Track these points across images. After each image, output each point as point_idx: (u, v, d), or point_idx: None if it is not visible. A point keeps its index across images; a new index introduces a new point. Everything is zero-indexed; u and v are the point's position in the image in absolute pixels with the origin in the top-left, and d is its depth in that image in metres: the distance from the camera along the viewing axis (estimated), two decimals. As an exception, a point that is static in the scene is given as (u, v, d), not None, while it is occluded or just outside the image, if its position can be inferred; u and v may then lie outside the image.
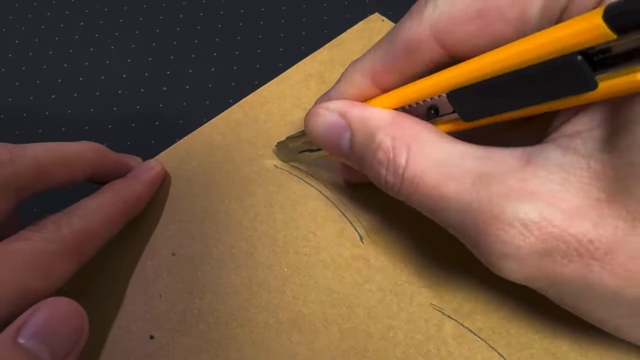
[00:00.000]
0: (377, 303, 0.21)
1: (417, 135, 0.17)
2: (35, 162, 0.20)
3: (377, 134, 0.18)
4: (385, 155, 0.17)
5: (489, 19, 0.16)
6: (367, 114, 0.18)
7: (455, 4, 0.16)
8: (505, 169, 0.15)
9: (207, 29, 0.33)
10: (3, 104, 0.31)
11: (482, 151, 0.16)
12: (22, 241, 0.18)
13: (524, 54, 0.14)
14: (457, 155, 0.16)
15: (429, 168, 0.16)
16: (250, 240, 0.23)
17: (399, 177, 0.17)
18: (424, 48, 0.17)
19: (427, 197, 0.16)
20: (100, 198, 0.22)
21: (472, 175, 0.15)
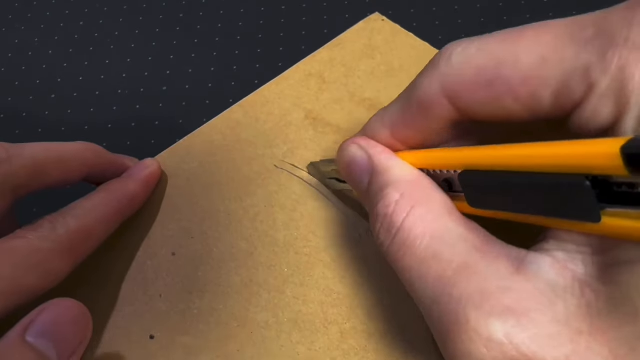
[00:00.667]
0: (378, 303, 0.21)
1: (426, 200, 0.16)
2: (32, 161, 0.20)
3: (389, 185, 0.17)
4: (384, 209, 0.16)
5: (498, 91, 0.15)
6: (391, 163, 0.18)
7: (467, 66, 0.15)
8: (492, 269, 0.14)
9: (207, 29, 0.33)
10: (3, 104, 0.31)
11: (480, 241, 0.15)
12: (18, 239, 0.18)
13: (534, 158, 0.13)
14: (453, 236, 0.15)
15: (421, 238, 0.15)
16: (251, 240, 0.23)
17: (390, 237, 0.16)
18: (436, 107, 0.16)
19: (408, 271, 0.15)
20: (95, 198, 0.22)
21: (457, 263, 0.14)
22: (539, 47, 0.14)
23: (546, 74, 0.13)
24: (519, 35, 0.14)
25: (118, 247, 0.23)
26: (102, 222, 0.21)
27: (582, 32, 0.13)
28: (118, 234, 0.23)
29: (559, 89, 0.13)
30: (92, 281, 0.23)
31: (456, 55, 0.15)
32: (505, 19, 0.31)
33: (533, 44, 0.14)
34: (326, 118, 0.26)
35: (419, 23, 0.31)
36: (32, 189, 0.20)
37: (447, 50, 0.16)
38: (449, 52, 0.16)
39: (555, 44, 0.13)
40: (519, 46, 0.14)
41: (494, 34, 0.15)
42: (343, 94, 0.27)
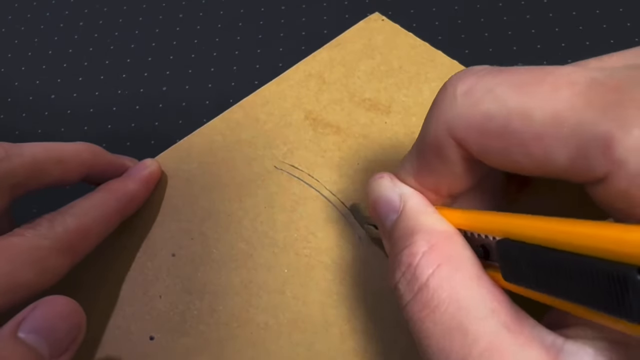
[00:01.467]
0: (378, 304, 0.21)
1: (457, 260, 0.14)
2: (31, 161, 0.20)
3: (418, 233, 0.15)
4: (408, 259, 0.15)
5: (508, 143, 0.13)
6: (423, 209, 0.16)
7: (473, 110, 0.13)
8: (524, 357, 0.12)
9: (207, 29, 0.33)
10: (3, 104, 0.31)
11: (511, 319, 0.13)
12: (16, 237, 0.18)
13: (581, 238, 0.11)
14: (483, 309, 0.13)
15: (447, 304, 0.14)
16: (250, 241, 0.23)
17: (412, 292, 0.14)
18: (447, 150, 0.15)
19: (427, 337, 0.14)
20: (94, 197, 0.22)
21: (484, 343, 0.13)
22: (554, 102, 0.12)
23: (561, 135, 0.12)
24: (535, 83, 0.12)
25: (118, 247, 0.23)
26: (101, 221, 0.21)
27: (605, 95, 0.11)
28: (118, 234, 0.23)
29: (574, 154, 0.12)
30: (92, 282, 0.23)
31: (462, 97, 0.14)
32: (505, 19, 0.31)
33: (548, 98, 0.12)
34: (326, 118, 0.26)
35: (419, 23, 0.31)
36: (31, 188, 0.21)
37: (451, 87, 0.14)
38: (453, 91, 0.14)
39: (572, 102, 0.12)
40: (533, 97, 0.12)
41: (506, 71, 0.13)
42: (343, 94, 0.27)
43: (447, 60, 0.28)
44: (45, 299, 0.17)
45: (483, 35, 0.31)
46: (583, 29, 0.30)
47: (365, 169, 0.25)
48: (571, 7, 0.31)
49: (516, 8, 0.32)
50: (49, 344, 0.17)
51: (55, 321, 0.17)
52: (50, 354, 0.17)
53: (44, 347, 0.16)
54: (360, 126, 0.26)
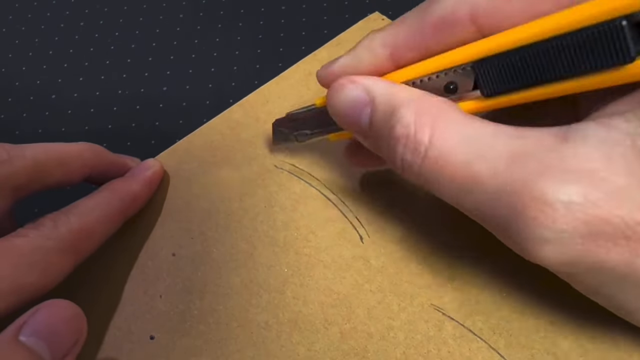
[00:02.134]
0: (378, 303, 0.21)
1: (444, 113, 0.16)
2: (33, 162, 0.20)
3: (399, 108, 0.16)
4: (404, 131, 0.16)
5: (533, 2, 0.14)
6: (393, 89, 0.17)
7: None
8: (542, 147, 0.14)
9: (207, 29, 0.33)
10: (3, 104, 0.31)
11: (514, 130, 0.15)
12: (19, 238, 0.18)
13: (562, 19, 0.13)
14: (488, 134, 0.15)
15: (457, 146, 0.15)
16: (251, 241, 0.23)
17: (420, 156, 0.15)
18: (458, 28, 0.16)
19: (453, 179, 0.15)
20: (97, 197, 0.22)
21: (506, 155, 0.14)
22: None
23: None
24: None
25: (118, 247, 0.23)
26: (104, 221, 0.21)
27: None
28: (118, 234, 0.23)
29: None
30: (93, 282, 0.23)
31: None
32: (506, 19, 0.31)
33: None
34: (326, 118, 0.26)
35: (419, 23, 0.31)
36: (33, 190, 0.20)
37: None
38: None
39: None
40: None
41: None
42: (343, 94, 0.27)
43: (447, 59, 0.28)
44: (47, 302, 0.17)
45: (483, 34, 0.31)
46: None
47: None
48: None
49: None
50: (50, 347, 0.16)
51: (56, 325, 0.17)
52: (52, 358, 0.16)
53: (45, 351, 0.16)
54: (361, 126, 0.26)
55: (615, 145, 0.13)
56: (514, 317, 0.20)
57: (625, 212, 0.13)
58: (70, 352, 0.17)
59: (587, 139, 0.13)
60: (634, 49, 0.12)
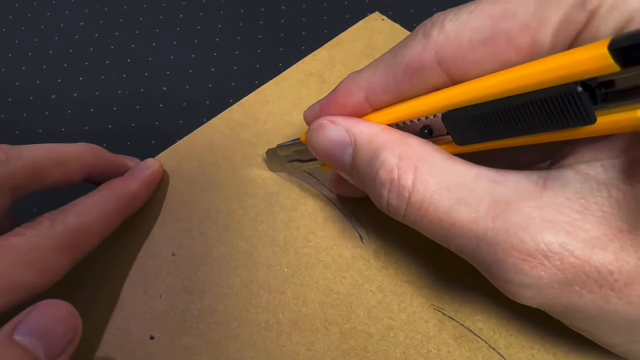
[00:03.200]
0: (378, 303, 0.21)
1: (426, 156, 0.16)
2: (31, 162, 0.20)
3: (381, 151, 0.17)
4: (388, 176, 0.16)
5: (497, 46, 0.15)
6: (373, 130, 0.17)
7: (462, 30, 0.15)
8: (522, 195, 0.14)
9: (207, 29, 0.33)
10: (3, 104, 0.31)
11: (495, 174, 0.15)
12: (17, 237, 0.18)
13: (523, 79, 0.13)
14: (470, 178, 0.15)
15: (440, 191, 0.15)
16: (251, 241, 0.23)
17: (404, 200, 0.16)
18: (427, 73, 0.16)
19: (437, 224, 0.16)
20: (95, 196, 0.22)
21: (487, 200, 0.15)
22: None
23: (545, 15, 0.14)
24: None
25: (118, 247, 0.23)
26: (102, 220, 0.21)
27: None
28: (118, 234, 0.23)
29: (559, 26, 0.14)
30: (93, 282, 0.23)
31: (449, 22, 0.15)
32: (506, 19, 0.31)
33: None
34: (326, 118, 0.26)
35: (419, 23, 0.31)
36: (32, 190, 0.20)
37: (437, 19, 0.16)
38: (441, 20, 0.16)
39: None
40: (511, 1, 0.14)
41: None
42: (343, 93, 0.27)
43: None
44: (42, 302, 0.18)
45: (483, 35, 0.31)
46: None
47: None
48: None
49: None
50: (45, 346, 0.17)
51: (51, 324, 0.17)
52: (46, 356, 0.17)
53: (39, 350, 0.16)
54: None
55: (592, 196, 0.14)
56: (515, 318, 0.20)
57: (600, 262, 0.13)
58: (65, 351, 0.17)
59: (565, 188, 0.14)
60: (593, 113, 0.13)
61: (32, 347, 0.16)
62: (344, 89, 0.19)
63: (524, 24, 0.14)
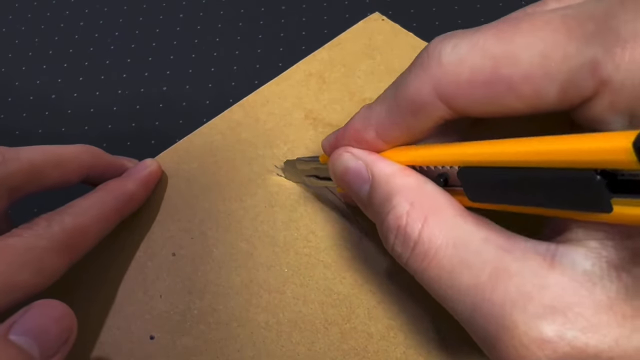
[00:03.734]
0: (378, 303, 0.21)
1: (438, 207, 0.15)
2: (28, 164, 0.20)
3: (395, 195, 0.16)
4: (396, 222, 0.16)
5: (498, 91, 0.14)
6: (390, 170, 0.17)
7: (460, 67, 0.14)
8: (527, 269, 0.14)
9: (207, 29, 0.33)
10: (3, 104, 0.31)
11: (504, 240, 0.14)
12: (13, 237, 0.19)
13: (539, 154, 0.13)
14: (477, 240, 0.14)
15: (444, 247, 0.15)
16: (251, 241, 0.23)
17: (408, 249, 0.16)
18: (429, 108, 0.15)
19: (436, 281, 0.15)
20: (92, 196, 0.22)
21: (490, 268, 0.14)
22: (537, 42, 0.13)
23: (550, 70, 0.13)
24: (513, 29, 0.14)
25: (118, 247, 0.23)
26: (99, 221, 0.21)
27: (582, 27, 0.13)
28: (118, 234, 0.23)
29: (565, 85, 0.13)
30: (93, 282, 0.23)
31: (447, 55, 0.15)
32: (506, 19, 0.31)
33: (531, 39, 0.13)
34: (326, 118, 0.26)
35: (419, 23, 0.31)
36: (29, 192, 0.21)
37: (435, 48, 0.15)
38: (438, 52, 0.15)
39: (554, 39, 0.13)
40: (515, 43, 0.13)
41: (484, 27, 0.14)
42: (343, 94, 0.27)
43: (447, 60, 0.28)
44: (37, 302, 0.18)
45: (483, 35, 0.31)
46: (583, 28, 0.30)
47: (365, 168, 0.25)
48: (571, 7, 0.31)
49: (516, 8, 0.32)
50: (39, 345, 0.17)
51: (46, 324, 0.17)
52: (41, 356, 0.17)
53: (34, 349, 0.16)
54: (361, 126, 0.26)
55: (600, 279, 0.13)
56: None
57: (599, 349, 0.13)
58: (59, 351, 0.17)
59: (573, 268, 0.13)
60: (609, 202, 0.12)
61: (27, 346, 0.16)
62: (355, 126, 0.18)
63: (527, 75, 0.13)
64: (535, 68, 0.13)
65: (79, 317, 0.18)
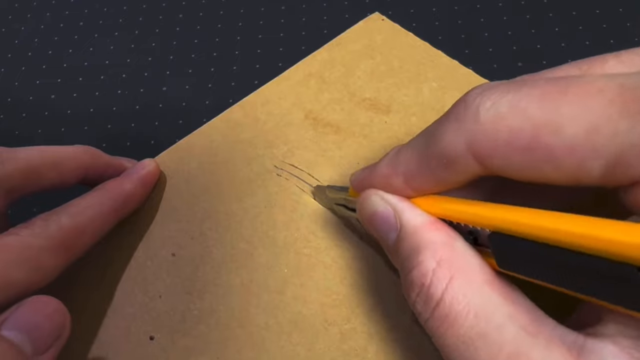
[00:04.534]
0: (378, 304, 0.21)
1: (467, 269, 0.15)
2: (26, 164, 0.20)
3: (422, 251, 0.15)
4: (420, 279, 0.15)
5: (536, 157, 0.13)
6: (420, 221, 0.16)
7: (499, 126, 0.13)
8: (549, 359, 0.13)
9: (207, 29, 0.33)
10: (3, 104, 0.31)
11: (530, 322, 0.13)
12: (10, 236, 0.19)
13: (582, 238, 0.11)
14: (502, 315, 0.14)
15: (465, 314, 0.14)
16: (251, 241, 0.23)
17: (429, 310, 0.15)
18: (461, 163, 0.14)
19: (453, 350, 0.14)
20: (90, 196, 0.22)
21: (508, 350, 0.13)
22: (586, 113, 0.12)
23: (597, 146, 0.12)
24: (561, 94, 0.12)
25: (117, 247, 0.23)
26: (96, 220, 0.21)
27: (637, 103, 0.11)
28: (118, 234, 0.23)
29: (612, 163, 0.12)
30: (93, 282, 0.23)
31: (485, 112, 0.13)
32: (505, 19, 0.31)
33: (578, 109, 0.12)
34: (326, 118, 0.26)
35: (419, 23, 0.31)
36: (27, 192, 0.21)
37: (472, 102, 0.14)
38: (476, 106, 0.14)
39: (606, 112, 0.11)
40: (561, 109, 0.12)
41: (529, 84, 0.13)
42: (343, 94, 0.27)
43: (447, 60, 0.28)
44: (29, 298, 0.18)
45: (483, 35, 0.31)
46: (583, 29, 0.30)
47: (365, 168, 0.25)
48: (571, 7, 0.31)
49: (516, 8, 0.32)
50: (31, 341, 0.17)
51: (38, 319, 0.17)
52: (33, 351, 0.17)
53: (26, 344, 0.17)
54: (360, 126, 0.26)
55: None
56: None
57: None
58: (52, 346, 0.17)
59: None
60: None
61: (19, 341, 0.16)
62: (383, 171, 0.17)
63: (570, 147, 0.12)
64: (580, 141, 0.12)
65: (78, 317, 0.18)
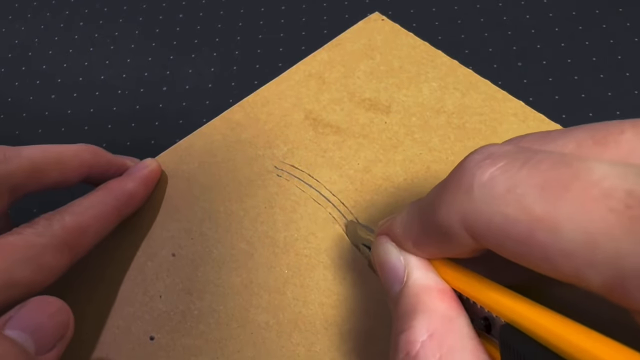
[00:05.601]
0: (378, 304, 0.21)
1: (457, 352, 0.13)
2: (29, 162, 0.20)
3: (418, 316, 0.14)
4: (406, 346, 0.14)
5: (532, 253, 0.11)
6: (426, 284, 0.15)
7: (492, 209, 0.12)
8: None
9: (207, 28, 0.33)
10: (3, 104, 0.31)
11: None
12: (14, 235, 0.19)
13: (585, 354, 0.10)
14: None
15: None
16: (251, 241, 0.23)
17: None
18: (458, 238, 0.13)
19: None
20: (92, 196, 0.22)
21: None
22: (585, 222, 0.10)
23: (595, 261, 0.10)
24: (562, 188, 0.11)
25: (118, 247, 0.23)
26: (99, 219, 0.21)
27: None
28: (118, 234, 0.23)
29: (610, 284, 0.10)
30: (93, 282, 0.23)
31: (479, 189, 0.12)
32: (505, 19, 0.31)
33: (578, 213, 0.10)
34: (326, 118, 0.26)
35: (419, 23, 0.31)
36: (30, 190, 0.21)
37: (469, 171, 0.12)
38: (471, 176, 0.12)
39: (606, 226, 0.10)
40: (560, 207, 0.10)
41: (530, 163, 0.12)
42: (343, 94, 0.27)
43: (447, 60, 0.28)
44: (33, 298, 0.18)
45: (483, 35, 0.31)
46: (583, 29, 0.30)
47: (365, 168, 0.25)
48: (571, 7, 0.31)
49: (516, 8, 0.32)
50: (35, 341, 0.17)
51: (41, 319, 0.17)
52: (37, 351, 0.17)
53: (30, 344, 0.17)
54: (360, 126, 0.26)
55: None
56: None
57: None
58: (56, 346, 0.18)
59: None
60: None
61: (22, 341, 0.17)
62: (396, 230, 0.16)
63: (568, 252, 0.10)
64: (577, 248, 0.10)
65: (78, 317, 0.18)
